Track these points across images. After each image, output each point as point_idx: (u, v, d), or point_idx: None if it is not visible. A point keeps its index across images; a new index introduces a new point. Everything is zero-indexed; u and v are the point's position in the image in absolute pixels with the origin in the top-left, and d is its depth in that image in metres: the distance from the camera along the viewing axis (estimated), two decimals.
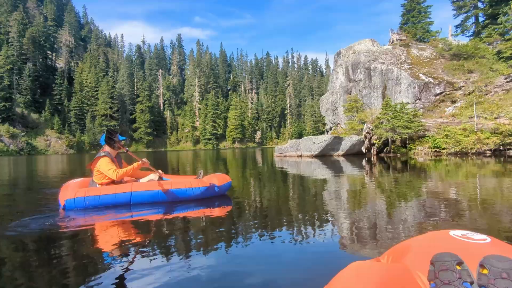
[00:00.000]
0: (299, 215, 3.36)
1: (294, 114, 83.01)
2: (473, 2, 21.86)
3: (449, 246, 1.15)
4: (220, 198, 4.23)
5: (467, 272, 0.95)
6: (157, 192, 3.79)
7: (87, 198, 3.55)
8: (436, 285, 0.95)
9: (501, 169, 7.57)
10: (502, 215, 3.12)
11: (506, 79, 16.40)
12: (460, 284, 0.92)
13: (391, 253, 1.31)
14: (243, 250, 2.27)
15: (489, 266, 0.92)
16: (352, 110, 19.80)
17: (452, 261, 0.96)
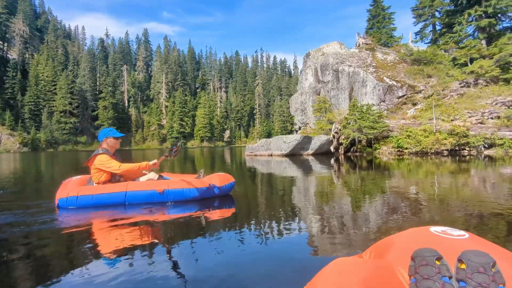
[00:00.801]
0: (276, 213, 3.34)
1: (263, 114, 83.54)
2: (431, 11, 23.24)
3: (429, 242, 1.17)
4: (221, 199, 4.02)
5: (446, 267, 0.97)
6: (152, 192, 3.62)
7: (80, 198, 3.45)
8: (416, 280, 0.96)
9: (456, 168, 8.12)
10: (459, 208, 3.31)
11: (460, 84, 17.67)
12: (439, 279, 0.93)
13: (374, 250, 1.33)
14: (226, 250, 2.20)
15: (467, 261, 0.94)
16: (320, 110, 20.30)
17: (431, 257, 0.98)
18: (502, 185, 5.15)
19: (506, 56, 16.98)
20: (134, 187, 3.62)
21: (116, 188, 3.57)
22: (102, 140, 3.84)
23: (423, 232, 1.29)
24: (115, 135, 3.86)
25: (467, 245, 1.11)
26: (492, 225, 2.75)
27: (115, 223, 2.97)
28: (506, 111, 14.33)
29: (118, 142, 3.92)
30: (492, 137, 13.12)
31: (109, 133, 3.85)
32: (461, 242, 1.17)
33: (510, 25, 19.84)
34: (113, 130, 3.92)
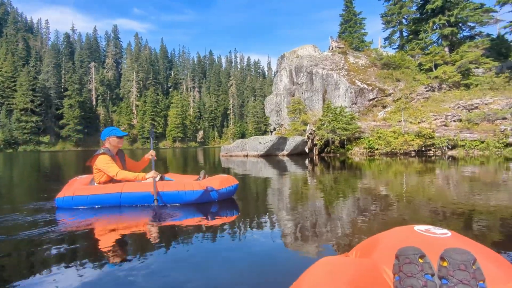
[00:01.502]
0: (259, 214, 3.33)
1: (237, 114, 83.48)
2: (398, 18, 24.33)
3: (413, 240, 1.20)
4: (222, 203, 3.74)
5: (428, 264, 1.00)
6: (147, 194, 3.50)
7: (75, 198, 3.41)
8: (400, 278, 0.99)
9: (425, 168, 8.54)
10: (434, 206, 3.48)
11: (426, 88, 18.64)
12: (422, 277, 0.96)
13: (359, 249, 1.36)
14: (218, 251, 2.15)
15: (448, 258, 0.97)
16: (295, 111, 20.59)
17: (415, 255, 1.00)
18: (470, 184, 5.47)
19: (466, 63, 18.14)
20: (129, 189, 3.52)
21: (111, 189, 3.50)
22: (104, 139, 3.77)
23: (408, 231, 1.31)
24: (118, 134, 3.79)
25: (449, 243, 1.14)
26: (471, 222, 2.90)
27: (107, 225, 2.93)
28: (467, 114, 15.28)
29: (121, 141, 3.86)
30: (455, 139, 13.93)
31: (111, 132, 3.78)
32: (443, 240, 1.20)
33: (470, 34, 21.17)
34: (116, 129, 3.85)
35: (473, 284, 0.91)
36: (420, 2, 22.08)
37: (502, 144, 13.20)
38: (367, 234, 2.41)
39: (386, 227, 2.54)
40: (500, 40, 21.20)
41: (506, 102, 15.34)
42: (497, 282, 0.99)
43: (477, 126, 14.33)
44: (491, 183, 5.46)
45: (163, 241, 2.43)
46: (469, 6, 19.05)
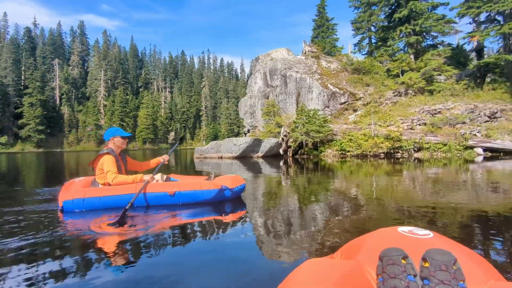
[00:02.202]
0: (244, 217, 3.31)
1: (210, 116, 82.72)
2: (367, 25, 25.31)
3: (397, 241, 1.22)
4: (232, 202, 3.93)
5: (411, 265, 1.01)
6: (163, 195, 3.52)
7: (86, 200, 3.32)
8: (383, 279, 1.00)
9: (392, 169, 8.92)
10: (411, 206, 3.65)
11: (393, 93, 19.52)
12: (405, 277, 0.97)
13: (344, 250, 1.37)
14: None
15: (430, 259, 0.99)
16: (269, 114, 20.76)
17: (398, 256, 1.02)
18: (440, 185, 5.77)
19: (429, 70, 19.23)
20: (144, 189, 3.48)
21: (125, 190, 3.43)
22: (109, 140, 3.73)
23: (391, 232, 1.34)
24: (122, 135, 3.76)
25: (431, 244, 1.16)
26: (451, 222, 3.04)
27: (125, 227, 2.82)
28: (431, 118, 16.18)
29: (125, 142, 3.83)
30: (420, 142, 14.68)
31: (116, 132, 3.75)
32: (426, 241, 1.23)
33: (433, 43, 22.49)
34: (120, 130, 3.81)
35: (453, 284, 0.93)
36: (388, 11, 23.15)
37: (462, 147, 14.10)
38: (351, 236, 2.46)
39: (368, 228, 2.62)
40: (459, 50, 22.72)
41: (465, 107, 16.42)
42: (476, 282, 1.03)
43: (440, 130, 15.20)
44: (459, 184, 5.80)
45: (154, 244, 2.34)
46: (433, 17, 20.23)
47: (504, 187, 5.37)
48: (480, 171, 8.00)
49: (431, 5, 20.64)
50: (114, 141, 3.72)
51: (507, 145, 13.50)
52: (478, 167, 9.22)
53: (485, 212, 3.40)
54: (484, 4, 18.68)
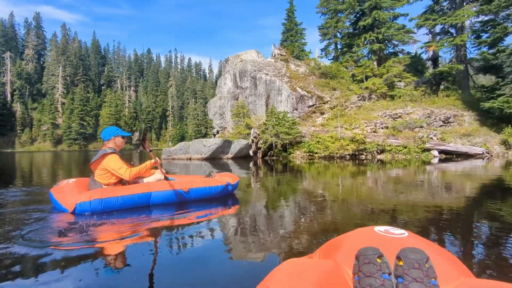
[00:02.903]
0: (221, 218, 3.29)
1: (176, 116, 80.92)
2: (333, 31, 26.18)
3: (373, 241, 1.25)
4: (228, 196, 4.31)
5: (386, 264, 1.04)
6: (178, 192, 3.69)
7: (105, 200, 3.26)
8: (359, 278, 1.02)
9: (358, 170, 9.32)
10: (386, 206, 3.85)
11: (358, 97, 20.38)
12: (380, 276, 1.00)
13: (323, 250, 1.40)
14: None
15: (404, 257, 1.02)
16: (239, 115, 20.77)
17: (373, 255, 1.04)
18: (404, 185, 6.11)
19: (391, 76, 20.31)
20: (158, 188, 3.59)
21: (141, 189, 3.49)
22: (109, 139, 3.65)
23: (368, 231, 1.37)
24: (123, 134, 3.75)
25: (406, 243, 1.20)
26: (419, 220, 3.24)
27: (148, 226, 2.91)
28: (392, 122, 17.10)
29: (124, 142, 3.82)
30: (383, 144, 15.46)
31: (116, 132, 3.71)
32: (401, 240, 1.26)
33: (394, 51, 23.78)
34: (120, 129, 3.79)
35: (426, 282, 0.96)
36: (354, 18, 24.15)
37: (420, 149, 15.05)
38: (329, 236, 2.54)
39: (346, 228, 2.72)
40: (417, 58, 24.23)
41: (422, 112, 17.56)
42: (447, 279, 1.08)
43: (400, 133, 16.12)
44: (418, 184, 6.19)
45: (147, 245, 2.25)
46: (394, 26, 21.42)
47: (461, 187, 5.82)
48: (436, 172, 8.59)
49: (393, 15, 21.84)
50: (115, 141, 3.69)
51: (459, 148, 14.62)
52: (434, 168, 9.89)
53: (451, 210, 3.67)
54: (439, 17, 20.12)
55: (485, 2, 16.97)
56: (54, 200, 3.38)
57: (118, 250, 2.29)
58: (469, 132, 16.04)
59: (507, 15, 16.20)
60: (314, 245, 2.32)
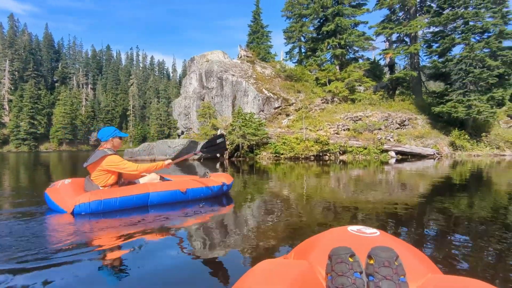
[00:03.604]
0: (195, 219, 3.26)
1: (138, 116, 77.95)
2: (298, 35, 26.81)
3: (346, 240, 1.28)
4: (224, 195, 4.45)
5: (357, 263, 1.07)
6: (175, 192, 3.76)
7: (104, 201, 3.29)
8: (332, 278, 1.04)
9: (322, 171, 9.67)
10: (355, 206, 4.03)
11: (322, 100, 21.07)
12: (352, 275, 1.02)
13: (297, 251, 1.42)
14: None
15: (374, 256, 1.05)
16: (205, 116, 20.52)
17: (345, 254, 1.07)
18: (370, 184, 6.43)
19: (352, 81, 21.25)
20: (156, 188, 3.64)
21: (139, 190, 3.54)
22: (107, 140, 3.63)
23: (341, 231, 1.41)
24: (120, 135, 3.73)
25: (377, 242, 1.23)
26: (388, 219, 3.42)
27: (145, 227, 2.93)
28: (353, 124, 17.90)
29: (121, 143, 3.80)
30: (345, 145, 16.10)
31: (115, 132, 3.70)
32: (372, 239, 1.30)
33: (354, 56, 24.93)
34: (117, 130, 3.79)
35: (395, 279, 0.99)
36: (317, 23, 24.94)
37: (379, 150, 15.90)
38: (304, 236, 2.62)
39: (321, 228, 2.82)
40: (375, 64, 25.60)
41: (381, 115, 18.58)
42: (415, 276, 1.11)
43: (361, 135, 16.91)
44: (377, 183, 6.55)
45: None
46: (355, 33, 22.45)
47: (418, 185, 6.25)
48: (394, 172, 9.15)
49: (354, 22, 22.88)
50: (113, 142, 3.67)
51: (413, 149, 15.68)
52: (392, 168, 10.53)
53: (415, 207, 3.93)
54: (395, 26, 21.46)
55: (435, 14, 18.42)
56: (50, 201, 3.36)
57: (116, 251, 2.32)
58: (422, 134, 17.28)
59: (454, 27, 17.70)
60: (290, 245, 2.37)
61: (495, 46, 16.30)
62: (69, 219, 3.09)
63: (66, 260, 2.07)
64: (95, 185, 3.52)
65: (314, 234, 1.50)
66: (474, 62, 16.26)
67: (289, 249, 1.52)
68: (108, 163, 3.46)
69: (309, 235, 1.51)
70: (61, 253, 2.20)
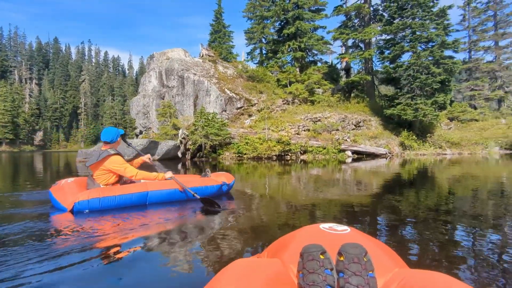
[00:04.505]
0: (170, 221, 3.22)
1: (90, 114, 73.50)
2: (259, 37, 27.16)
3: (318, 238, 1.31)
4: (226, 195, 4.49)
5: (328, 260, 1.08)
6: (174, 191, 3.81)
7: (102, 199, 3.35)
8: (303, 275, 1.05)
9: (284, 170, 9.94)
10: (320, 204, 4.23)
11: (283, 101, 21.54)
12: (322, 272, 1.03)
13: (270, 249, 1.44)
14: None
15: (344, 253, 1.07)
16: (165, 115, 19.96)
17: (316, 252, 1.07)
18: (330, 182, 6.74)
19: (311, 83, 21.99)
20: (155, 187, 3.68)
21: (137, 188, 3.58)
22: (116, 141, 3.74)
23: (313, 229, 1.43)
24: (122, 133, 3.84)
25: (348, 239, 1.26)
26: (353, 215, 3.63)
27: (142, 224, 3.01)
28: (313, 125, 18.57)
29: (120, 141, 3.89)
30: (305, 145, 16.65)
31: (118, 132, 3.79)
32: (343, 236, 1.33)
33: (313, 59, 25.82)
34: (120, 129, 3.87)
35: (364, 275, 1.02)
36: (278, 26, 25.46)
37: (337, 150, 16.67)
38: (277, 234, 2.70)
39: (293, 226, 2.93)
40: (333, 68, 26.76)
41: (338, 117, 19.48)
42: (383, 271, 1.15)
43: (320, 135, 17.60)
44: (335, 181, 6.91)
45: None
46: (314, 37, 23.27)
47: (372, 182, 6.69)
48: (349, 171, 9.66)
49: (313, 26, 23.73)
50: (117, 142, 3.80)
51: (368, 149, 16.67)
52: (348, 167, 11.10)
53: (375, 203, 4.21)
54: (351, 32, 22.65)
55: (387, 23, 19.73)
56: (53, 199, 3.45)
57: (113, 249, 2.33)
58: (375, 135, 18.44)
59: (403, 36, 19.11)
60: (263, 244, 2.41)
61: (438, 55, 17.91)
62: (68, 217, 3.16)
63: (64, 259, 2.09)
64: (96, 184, 3.60)
65: (288, 232, 1.52)
66: (420, 68, 17.71)
67: (263, 248, 1.54)
68: (111, 164, 3.55)
69: (283, 233, 1.54)
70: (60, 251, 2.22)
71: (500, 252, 2.26)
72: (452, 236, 2.70)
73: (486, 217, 3.31)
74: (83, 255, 2.13)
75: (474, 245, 2.43)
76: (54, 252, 2.18)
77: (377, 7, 23.82)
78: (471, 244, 2.47)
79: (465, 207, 3.89)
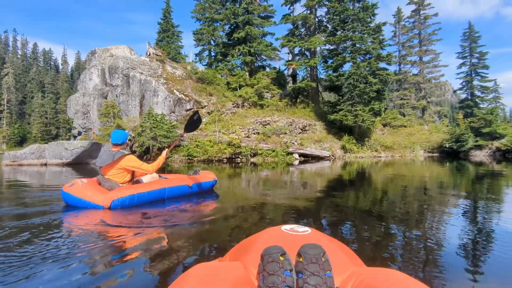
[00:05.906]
0: (133, 224, 3.16)
1: (15, 113, 65.51)
2: (208, 38, 27.03)
3: (279, 239, 1.32)
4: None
5: (288, 261, 1.08)
6: (185, 187, 4.42)
7: (137, 196, 3.73)
8: (264, 277, 1.05)
9: (235, 172, 10.11)
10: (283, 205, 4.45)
11: (233, 104, 21.69)
12: (282, 273, 1.04)
13: (233, 252, 1.44)
14: None
15: (303, 253, 1.08)
16: (108, 115, 18.76)
17: (277, 253, 1.08)
18: (287, 182, 7.04)
19: (260, 87, 22.54)
20: (171, 183, 4.21)
21: (158, 185, 4.05)
22: (125, 142, 4.05)
23: (276, 231, 1.45)
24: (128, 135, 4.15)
25: (307, 240, 1.27)
26: (307, 214, 3.89)
27: None
28: (262, 129, 19.04)
29: None
30: (255, 148, 17.00)
31: (126, 134, 4.09)
32: (304, 237, 1.35)
33: (262, 64, 26.47)
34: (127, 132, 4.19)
35: (321, 275, 1.03)
36: (228, 29, 25.61)
37: (285, 152, 17.32)
38: (240, 237, 2.80)
39: (257, 228, 3.06)
40: (280, 74, 27.71)
41: (286, 121, 20.26)
42: (341, 270, 1.17)
43: (269, 139, 18.12)
44: (283, 182, 7.28)
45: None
46: (263, 43, 23.90)
47: (319, 183, 7.18)
48: (296, 172, 10.17)
49: (262, 32, 24.37)
50: (126, 144, 4.07)
51: (313, 152, 17.63)
52: (295, 169, 11.67)
53: (329, 203, 4.56)
54: (298, 40, 23.75)
55: (330, 34, 21.14)
56: (77, 199, 3.62)
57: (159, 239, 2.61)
58: (320, 139, 19.56)
59: (345, 47, 20.66)
60: (226, 248, 2.43)
61: (375, 66, 19.70)
62: (109, 213, 3.44)
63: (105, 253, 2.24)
64: (113, 183, 3.84)
65: (250, 235, 1.55)
66: (359, 78, 19.29)
67: (226, 252, 1.55)
68: (128, 162, 3.85)
69: (247, 235, 1.57)
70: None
71: (434, 244, 2.67)
72: (388, 231, 3.09)
73: (412, 214, 3.84)
74: None
75: (406, 239, 2.83)
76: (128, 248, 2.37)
77: (322, 19, 25.37)
78: (402, 237, 2.87)
79: (396, 204, 4.44)
